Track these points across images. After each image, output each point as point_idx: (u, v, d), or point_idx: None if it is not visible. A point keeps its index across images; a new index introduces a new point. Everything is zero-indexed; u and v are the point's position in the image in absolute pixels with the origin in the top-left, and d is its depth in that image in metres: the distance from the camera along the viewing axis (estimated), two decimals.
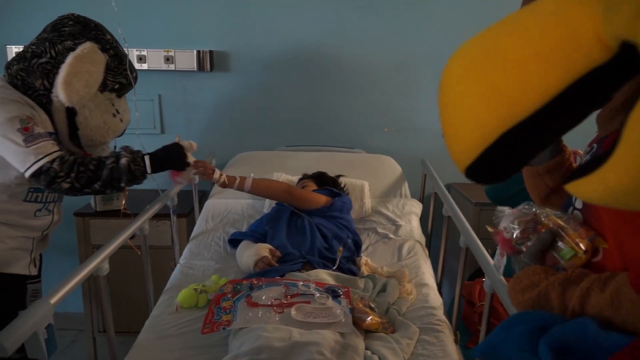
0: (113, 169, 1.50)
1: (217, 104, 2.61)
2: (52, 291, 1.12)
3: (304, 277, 1.57)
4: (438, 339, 1.41)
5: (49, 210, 1.66)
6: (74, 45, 1.49)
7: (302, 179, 2.15)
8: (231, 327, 1.31)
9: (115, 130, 1.63)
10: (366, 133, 2.64)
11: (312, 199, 1.87)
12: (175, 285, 1.73)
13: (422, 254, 1.96)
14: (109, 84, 1.58)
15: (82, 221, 2.34)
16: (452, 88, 0.69)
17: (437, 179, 2.06)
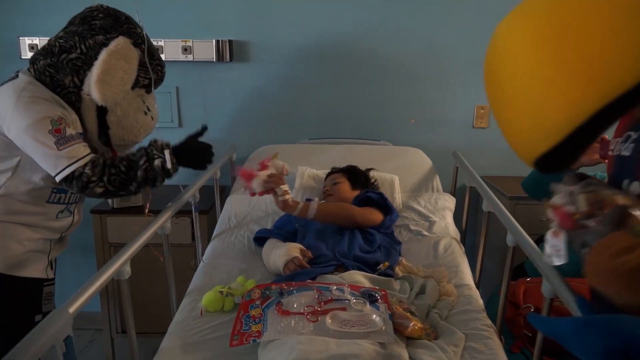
0: (147, 170, 1.44)
1: (236, 96, 2.52)
2: (70, 299, 1.03)
3: (337, 279, 1.47)
4: (487, 346, 1.30)
5: (70, 212, 1.60)
6: (106, 40, 1.42)
7: (331, 172, 2.05)
8: (262, 339, 1.22)
9: (147, 129, 1.57)
10: (392, 125, 2.55)
11: (371, 219, 1.76)
12: (199, 287, 1.64)
13: (459, 252, 1.85)
14: (140, 80, 1.51)
15: (99, 219, 2.27)
16: (522, 56, 0.58)
17: (473, 172, 1.95)
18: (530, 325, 1.55)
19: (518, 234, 1.37)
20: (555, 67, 0.54)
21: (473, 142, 2.54)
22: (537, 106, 0.56)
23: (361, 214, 1.74)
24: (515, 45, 0.57)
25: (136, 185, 1.43)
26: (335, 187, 1.92)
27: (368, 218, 1.74)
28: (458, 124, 2.53)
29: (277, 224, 1.92)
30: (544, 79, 0.55)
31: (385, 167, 2.21)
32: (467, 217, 2.13)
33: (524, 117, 0.59)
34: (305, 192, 2.10)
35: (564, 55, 0.54)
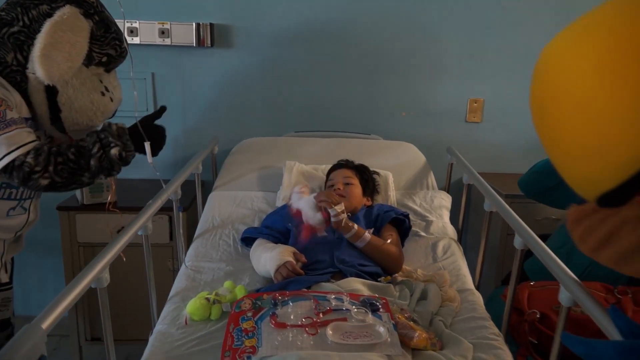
0: (102, 159, 1.32)
1: (218, 84, 2.42)
2: (43, 313, 0.92)
3: (335, 288, 1.40)
4: (497, 357, 1.25)
5: (25, 209, 1.47)
6: (51, 10, 1.29)
7: (339, 166, 1.90)
8: (258, 356, 1.14)
9: (105, 111, 1.45)
10: (382, 118, 2.49)
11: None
12: (181, 292, 1.55)
13: (459, 253, 1.81)
14: (95, 57, 1.39)
15: (67, 216, 2.14)
16: (586, 87, 0.52)
17: (472, 170, 1.91)
18: (535, 332, 1.52)
19: (529, 236, 1.33)
20: (627, 98, 0.48)
21: (465, 136, 2.52)
22: (606, 142, 0.51)
23: (402, 258, 1.66)
24: (577, 74, 0.51)
25: (89, 175, 1.32)
26: (348, 189, 1.78)
27: (398, 267, 1.65)
28: (450, 118, 2.50)
29: (265, 222, 1.84)
30: (615, 112, 0.49)
31: (376, 162, 2.15)
32: (464, 216, 2.10)
33: (588, 153, 0.53)
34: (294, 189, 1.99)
35: (636, 84, 0.48)
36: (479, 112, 2.49)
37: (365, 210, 1.78)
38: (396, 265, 1.63)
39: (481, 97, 2.47)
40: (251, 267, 1.67)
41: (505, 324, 1.48)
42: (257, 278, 1.62)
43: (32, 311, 1.67)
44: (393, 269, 1.62)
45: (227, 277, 1.62)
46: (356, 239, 1.59)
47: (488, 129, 2.51)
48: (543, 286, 1.61)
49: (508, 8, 2.36)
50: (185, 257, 1.75)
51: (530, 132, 2.74)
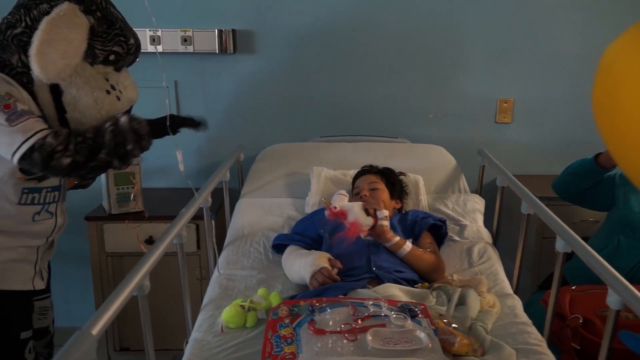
0: (115, 132, 1.34)
1: (241, 90, 2.46)
2: (92, 319, 0.96)
3: (372, 294, 1.42)
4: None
5: (51, 213, 1.51)
6: (50, 8, 1.31)
7: (364, 172, 1.94)
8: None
9: (110, 110, 1.44)
10: (409, 120, 2.51)
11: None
12: (215, 300, 1.59)
13: (495, 258, 1.82)
14: (98, 54, 1.39)
15: (95, 226, 2.20)
16: None
17: (506, 172, 1.91)
18: (578, 338, 1.53)
19: (571, 238, 1.33)
20: None
21: (496, 138, 2.52)
22: None
23: (443, 265, 1.69)
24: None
25: (106, 152, 1.33)
26: (375, 194, 1.81)
27: (440, 276, 1.67)
28: (479, 119, 2.50)
29: (296, 229, 1.86)
30: None
31: (405, 166, 2.15)
32: (499, 219, 2.10)
33: None
34: (323, 196, 2.01)
35: None
36: (509, 113, 2.49)
37: (400, 217, 1.80)
38: (438, 274, 1.65)
39: (511, 96, 2.47)
40: (283, 274, 1.70)
41: (548, 329, 1.48)
42: (290, 285, 1.64)
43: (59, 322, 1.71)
44: (434, 277, 1.64)
45: (259, 284, 1.65)
46: (397, 248, 1.62)
47: (519, 129, 2.51)
48: (585, 290, 1.61)
49: (538, 4, 2.36)
50: (217, 266, 1.78)
51: (563, 132, 2.76)
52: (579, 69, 2.41)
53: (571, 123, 2.50)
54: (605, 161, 1.77)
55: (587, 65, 2.37)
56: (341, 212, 1.59)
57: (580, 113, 2.49)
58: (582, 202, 1.93)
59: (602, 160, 1.78)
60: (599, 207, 1.93)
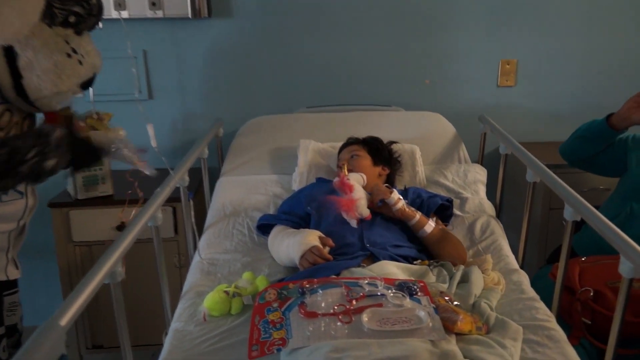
0: (33, 167, 1.32)
1: (218, 59, 2.44)
2: (59, 310, 0.97)
3: (367, 273, 1.43)
4: (551, 339, 1.29)
5: (20, 193, 1.50)
6: None
7: (348, 144, 1.99)
8: (289, 347, 1.18)
9: (72, 75, 1.42)
10: (403, 86, 2.51)
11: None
12: (196, 287, 1.59)
13: (499, 232, 1.84)
14: (57, 14, 1.38)
15: (60, 213, 2.18)
16: None
17: (510, 138, 1.92)
18: (589, 312, 1.55)
19: (581, 205, 1.35)
20: None
21: (498, 103, 2.53)
22: None
23: (463, 258, 1.67)
24: None
25: (12, 181, 1.33)
26: (354, 161, 1.87)
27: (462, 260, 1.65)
28: (480, 83, 2.51)
29: (283, 208, 1.87)
30: None
31: (400, 135, 2.17)
32: (502, 189, 2.12)
33: None
34: (312, 170, 2.06)
35: None
36: (512, 75, 2.49)
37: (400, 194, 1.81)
38: (463, 256, 1.66)
39: (514, 57, 2.47)
40: (270, 256, 1.71)
41: (557, 304, 1.50)
42: (277, 268, 1.65)
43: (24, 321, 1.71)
44: (459, 259, 1.63)
45: (244, 268, 1.66)
46: (420, 226, 1.65)
47: (523, 93, 2.52)
48: (596, 261, 1.63)
49: None
50: (197, 250, 1.78)
51: (571, 95, 2.78)
52: (588, 25, 2.41)
53: (580, 85, 2.51)
54: (618, 122, 1.78)
55: (598, 22, 2.41)
56: (350, 185, 1.63)
57: (590, 74, 2.51)
58: (591, 167, 1.95)
59: (614, 121, 1.78)
60: (610, 173, 1.95)
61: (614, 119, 1.79)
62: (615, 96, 2.05)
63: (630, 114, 1.74)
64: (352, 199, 1.61)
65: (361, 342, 1.15)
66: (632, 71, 2.51)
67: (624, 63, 2.50)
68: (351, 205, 1.59)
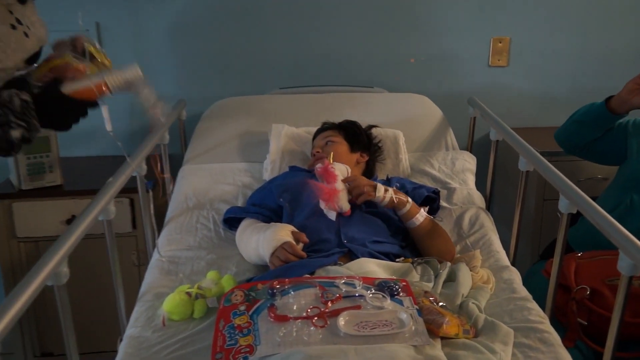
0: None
1: (181, 33, 2.42)
2: None
3: (344, 272, 1.42)
4: (544, 342, 1.29)
5: None
6: None
7: (322, 129, 1.99)
8: (257, 355, 1.16)
9: (18, 49, 1.36)
10: (387, 66, 2.53)
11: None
12: (155, 288, 1.57)
13: (489, 225, 1.84)
14: None
15: (1, 205, 2.14)
16: None
17: (501, 123, 1.92)
18: (585, 312, 1.56)
19: (577, 196, 1.35)
20: None
21: (488, 85, 2.55)
22: None
23: (452, 253, 1.67)
24: None
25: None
26: (328, 148, 1.86)
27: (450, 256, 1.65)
28: (470, 63, 2.53)
29: (252, 200, 1.86)
30: None
31: (382, 119, 2.18)
32: (493, 179, 2.13)
33: None
34: (285, 158, 2.06)
35: None
36: (504, 54, 2.50)
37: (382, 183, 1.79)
38: (452, 251, 1.65)
39: (507, 35, 2.49)
40: (238, 253, 1.70)
41: (551, 304, 1.51)
42: (246, 266, 1.64)
43: None
44: (448, 255, 1.63)
45: (209, 266, 1.64)
46: (410, 216, 1.62)
47: (516, 74, 2.53)
48: (593, 257, 1.65)
49: None
50: (157, 246, 1.75)
51: (568, 77, 2.82)
52: (587, 1, 2.43)
53: (578, 65, 2.53)
54: (618, 105, 1.78)
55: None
56: (334, 175, 1.60)
57: (588, 54, 2.53)
58: (589, 155, 1.96)
59: (613, 105, 1.79)
60: (609, 161, 1.96)
61: (614, 102, 1.79)
62: (615, 78, 2.07)
63: (631, 97, 1.74)
64: (336, 188, 1.58)
65: (337, 348, 1.15)
66: (633, 51, 2.53)
67: (625, 43, 2.52)
68: (333, 195, 1.57)
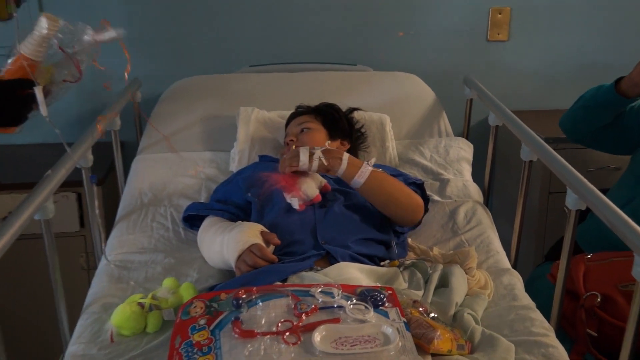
0: None
1: (138, 2, 2.41)
2: None
3: (321, 279, 1.40)
4: (550, 358, 1.27)
5: None
6: None
7: (296, 114, 1.99)
8: None
9: None
10: (372, 41, 2.55)
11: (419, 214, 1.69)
12: (102, 298, 1.55)
13: (487, 221, 1.85)
14: None
15: None
16: None
17: (501, 106, 1.92)
18: (595, 321, 1.56)
19: (587, 191, 1.35)
20: None
21: (487, 62, 2.57)
22: None
23: (420, 206, 1.66)
24: None
25: None
26: (304, 136, 1.85)
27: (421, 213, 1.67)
28: (466, 37, 2.54)
29: (217, 195, 1.84)
30: None
31: (367, 102, 2.17)
32: (492, 170, 2.13)
33: None
34: (255, 146, 2.05)
35: None
36: (504, 27, 2.51)
37: None
38: (414, 209, 1.65)
39: (507, 5, 2.49)
40: (200, 257, 1.68)
41: (557, 313, 1.51)
42: (209, 272, 1.62)
43: None
44: (410, 214, 1.64)
45: (166, 273, 1.62)
46: (350, 177, 1.58)
47: (517, 50, 2.55)
48: (604, 259, 1.64)
49: None
50: (105, 248, 1.74)
51: (576, 52, 2.86)
52: None
53: (586, 40, 2.55)
54: (629, 87, 1.77)
55: None
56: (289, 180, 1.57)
57: (598, 26, 2.54)
58: (598, 144, 1.97)
59: (624, 87, 1.78)
60: (620, 150, 1.96)
61: (624, 84, 1.78)
62: (628, 54, 2.07)
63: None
64: (294, 179, 1.55)
65: None
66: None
67: (638, 14, 2.53)
68: (292, 181, 1.54)
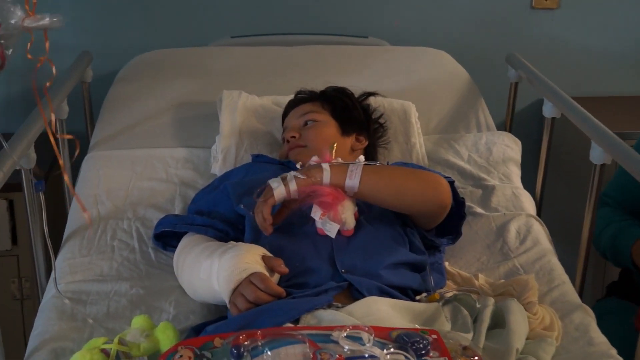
0: None
1: None
2: None
3: (345, 319, 1.36)
4: None
5: None
6: None
7: (298, 101, 1.99)
8: None
9: None
10: (387, 8, 2.56)
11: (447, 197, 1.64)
12: (52, 340, 1.50)
13: (546, 242, 1.83)
14: None
15: None
16: None
17: (559, 92, 1.93)
18: None
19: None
20: None
21: (533, 34, 2.60)
22: None
23: (438, 181, 1.61)
24: None
25: None
26: (309, 130, 1.85)
27: (446, 192, 1.60)
28: (505, 4, 2.56)
29: (198, 205, 1.81)
30: None
31: (383, 85, 2.16)
32: (545, 174, 2.15)
33: None
34: (243, 142, 2.04)
35: None
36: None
37: None
38: (432, 186, 1.61)
39: None
40: (177, 286, 1.66)
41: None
42: (190, 306, 1.59)
43: None
44: (431, 197, 1.60)
45: (134, 307, 1.59)
46: (342, 180, 1.54)
47: (570, 19, 2.58)
48: None
49: None
50: (52, 275, 1.68)
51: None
52: None
53: None
54: None
55: None
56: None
57: None
58: None
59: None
60: None
61: None
62: None
63: None
64: (342, 194, 1.52)
65: None
66: None
67: None
68: (339, 200, 1.51)
